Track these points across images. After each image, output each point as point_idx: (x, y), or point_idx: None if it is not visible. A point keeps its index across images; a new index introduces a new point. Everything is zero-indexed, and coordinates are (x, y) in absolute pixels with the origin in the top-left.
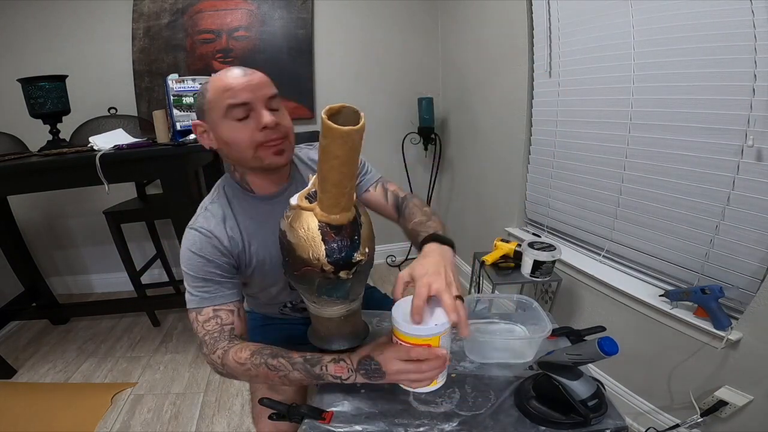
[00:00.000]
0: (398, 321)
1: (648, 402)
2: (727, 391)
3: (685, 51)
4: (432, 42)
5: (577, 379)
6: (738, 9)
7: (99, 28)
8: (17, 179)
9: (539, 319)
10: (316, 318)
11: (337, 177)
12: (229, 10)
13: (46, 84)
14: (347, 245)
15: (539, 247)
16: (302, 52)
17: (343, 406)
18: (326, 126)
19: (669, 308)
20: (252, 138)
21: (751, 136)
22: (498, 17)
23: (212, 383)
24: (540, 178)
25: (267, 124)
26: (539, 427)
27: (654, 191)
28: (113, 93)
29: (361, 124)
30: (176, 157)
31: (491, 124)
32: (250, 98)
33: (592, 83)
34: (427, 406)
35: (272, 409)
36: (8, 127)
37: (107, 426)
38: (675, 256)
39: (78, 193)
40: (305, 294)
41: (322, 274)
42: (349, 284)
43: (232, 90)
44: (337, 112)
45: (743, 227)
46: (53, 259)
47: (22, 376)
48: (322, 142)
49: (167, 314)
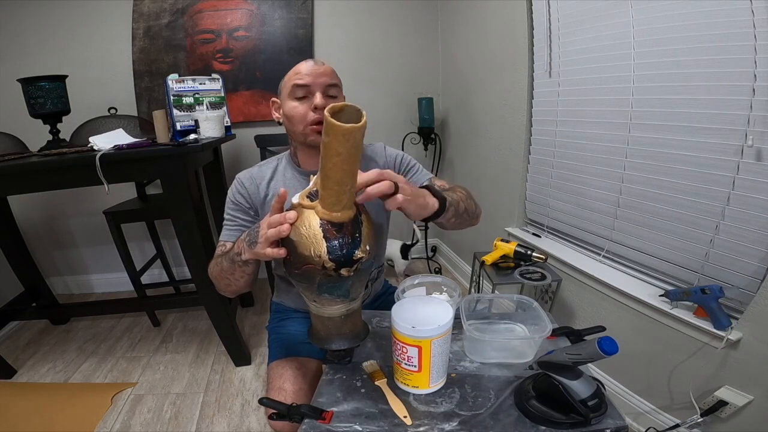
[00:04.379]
0: (397, 321)
1: (648, 402)
2: (727, 391)
3: (685, 51)
4: (432, 42)
5: (577, 379)
6: (738, 9)
7: (99, 28)
8: (17, 179)
9: (539, 319)
10: (317, 317)
11: (339, 174)
12: (229, 10)
13: (46, 84)
14: (348, 243)
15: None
16: (302, 52)
17: (343, 406)
18: (329, 123)
19: (669, 308)
20: (305, 115)
21: (751, 136)
22: (498, 17)
23: (212, 383)
24: (540, 178)
25: (317, 105)
26: (539, 426)
27: (654, 191)
28: (113, 93)
29: (363, 122)
30: (176, 157)
31: (491, 124)
32: (311, 82)
33: (592, 83)
34: (427, 406)
35: (272, 409)
36: (8, 127)
37: (107, 426)
38: (675, 256)
39: (78, 193)
40: (306, 293)
41: (323, 271)
42: (350, 282)
43: (299, 74)
44: (339, 111)
45: (743, 227)
46: (53, 259)
47: (22, 376)
48: (325, 140)
49: (167, 314)
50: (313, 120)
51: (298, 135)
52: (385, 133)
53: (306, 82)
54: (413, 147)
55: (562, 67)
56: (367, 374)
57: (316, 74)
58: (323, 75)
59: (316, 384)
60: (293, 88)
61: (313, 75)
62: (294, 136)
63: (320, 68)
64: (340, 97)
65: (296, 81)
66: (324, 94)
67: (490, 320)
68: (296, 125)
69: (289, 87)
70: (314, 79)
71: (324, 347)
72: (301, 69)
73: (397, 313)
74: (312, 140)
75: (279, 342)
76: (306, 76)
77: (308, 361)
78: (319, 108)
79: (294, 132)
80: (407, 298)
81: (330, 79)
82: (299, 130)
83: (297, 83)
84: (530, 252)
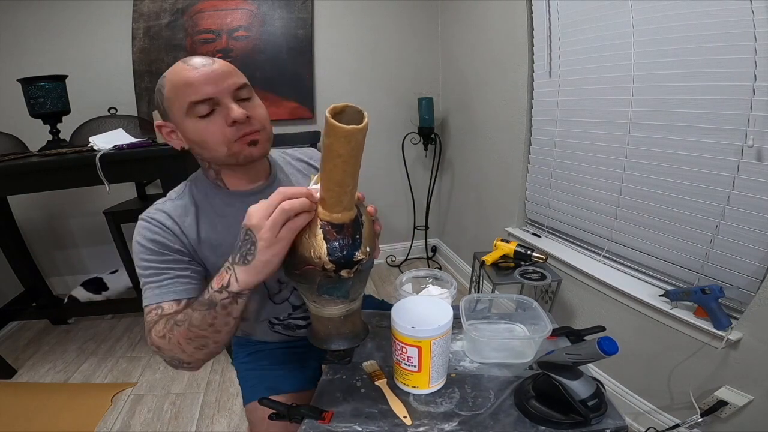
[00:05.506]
0: (397, 321)
1: (648, 402)
2: (727, 391)
3: (685, 51)
4: (432, 42)
5: (576, 379)
6: (738, 9)
7: (99, 28)
8: (17, 179)
9: (539, 319)
10: (316, 318)
11: (340, 176)
12: (229, 10)
13: (46, 84)
14: (349, 244)
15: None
16: (302, 52)
17: (343, 406)
18: (330, 125)
19: (669, 308)
20: (222, 135)
21: (751, 136)
22: (498, 17)
23: (212, 383)
24: (540, 178)
25: (236, 119)
26: (539, 426)
27: (654, 191)
28: (113, 93)
29: (365, 123)
30: (176, 157)
31: (491, 124)
32: (214, 92)
33: (592, 83)
34: (427, 406)
35: (272, 409)
36: (8, 127)
37: (107, 426)
38: (675, 256)
39: (78, 193)
40: (306, 294)
41: (323, 272)
42: (350, 283)
43: (192, 85)
44: (340, 112)
45: (743, 227)
46: (53, 259)
47: (22, 376)
48: (326, 141)
49: None
50: (239, 135)
51: (222, 158)
52: (385, 133)
53: (207, 95)
54: (413, 147)
55: (562, 67)
56: (367, 374)
57: (215, 78)
58: (226, 76)
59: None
60: (190, 106)
61: (213, 80)
62: (215, 160)
63: (217, 68)
64: (253, 97)
65: (192, 98)
66: (236, 100)
67: (490, 320)
68: (216, 149)
69: (182, 106)
70: (216, 86)
71: (324, 347)
72: (191, 78)
73: (397, 313)
74: (246, 155)
75: (255, 378)
76: (203, 86)
77: (293, 398)
78: (240, 121)
79: (215, 157)
80: (407, 298)
81: (237, 78)
82: (223, 153)
83: (194, 100)
84: (530, 252)
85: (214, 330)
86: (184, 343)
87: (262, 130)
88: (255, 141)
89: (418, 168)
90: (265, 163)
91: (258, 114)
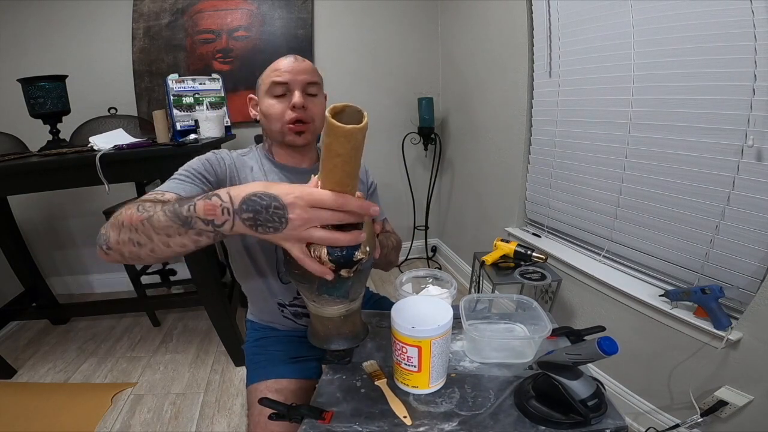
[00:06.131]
0: (397, 321)
1: (648, 402)
2: (727, 391)
3: (685, 51)
4: (432, 42)
5: (576, 379)
6: (738, 9)
7: (99, 28)
8: (17, 179)
9: (539, 319)
10: (316, 317)
11: (340, 175)
12: (229, 10)
13: (46, 84)
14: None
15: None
16: (302, 52)
17: (343, 406)
18: (330, 124)
19: (669, 308)
20: (282, 114)
21: (751, 136)
22: (498, 17)
23: (212, 383)
24: (540, 178)
25: (296, 104)
26: (539, 426)
27: (654, 191)
28: (113, 93)
29: (364, 123)
30: (176, 157)
31: (491, 124)
32: (290, 79)
33: (592, 83)
34: (427, 406)
35: (272, 409)
36: (8, 127)
37: (107, 426)
38: (675, 256)
39: (78, 193)
40: (306, 293)
41: None
42: (349, 283)
43: (278, 70)
44: (340, 111)
45: (743, 227)
46: (53, 259)
47: (22, 376)
48: (325, 141)
49: (167, 314)
50: (291, 119)
51: (275, 133)
52: (385, 133)
53: (285, 80)
54: (413, 147)
55: (562, 67)
56: (367, 374)
57: (295, 71)
58: (303, 72)
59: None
60: (271, 85)
61: (293, 72)
62: (270, 134)
63: (300, 65)
64: (320, 95)
65: (275, 78)
66: (303, 92)
67: (490, 320)
68: (273, 123)
69: (267, 84)
70: (293, 76)
71: (323, 347)
72: (280, 65)
73: (397, 313)
74: (290, 140)
75: (261, 362)
76: (285, 73)
77: (294, 385)
78: (297, 107)
79: (271, 130)
80: (407, 298)
81: (310, 76)
82: (276, 128)
83: (275, 80)
84: (530, 252)
85: (163, 242)
86: (126, 226)
87: (311, 122)
88: (301, 131)
89: (418, 168)
90: (314, 151)
91: (313, 108)
